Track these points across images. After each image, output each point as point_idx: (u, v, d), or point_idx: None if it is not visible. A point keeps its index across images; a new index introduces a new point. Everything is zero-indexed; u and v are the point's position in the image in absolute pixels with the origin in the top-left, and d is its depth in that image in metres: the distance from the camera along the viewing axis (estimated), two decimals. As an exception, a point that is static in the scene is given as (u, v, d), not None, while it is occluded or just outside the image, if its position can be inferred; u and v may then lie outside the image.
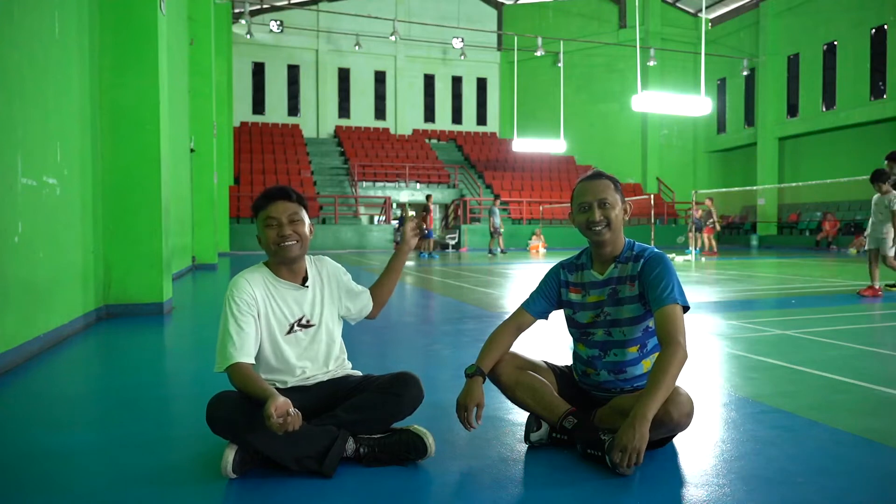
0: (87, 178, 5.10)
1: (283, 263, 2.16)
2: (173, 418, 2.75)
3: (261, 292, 2.12)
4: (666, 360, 1.97)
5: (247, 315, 2.06)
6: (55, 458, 2.18)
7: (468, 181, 24.75)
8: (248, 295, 2.08)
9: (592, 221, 2.21)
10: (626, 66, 25.47)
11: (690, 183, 26.24)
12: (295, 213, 2.12)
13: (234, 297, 2.07)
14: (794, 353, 3.90)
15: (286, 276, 2.18)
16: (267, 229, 2.10)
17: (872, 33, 20.06)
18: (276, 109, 26.97)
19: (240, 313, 2.05)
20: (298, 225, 2.12)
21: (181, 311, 6.09)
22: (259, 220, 2.13)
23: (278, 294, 2.15)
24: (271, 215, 2.10)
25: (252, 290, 2.10)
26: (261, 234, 2.14)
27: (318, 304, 2.22)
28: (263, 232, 2.12)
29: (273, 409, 1.76)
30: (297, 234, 2.11)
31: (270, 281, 2.16)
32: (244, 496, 1.85)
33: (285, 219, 2.10)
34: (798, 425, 2.48)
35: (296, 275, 2.20)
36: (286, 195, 2.13)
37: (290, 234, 2.09)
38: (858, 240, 18.05)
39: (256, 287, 2.11)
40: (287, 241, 2.09)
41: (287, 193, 2.13)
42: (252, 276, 2.14)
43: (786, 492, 1.84)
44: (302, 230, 2.12)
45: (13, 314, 3.63)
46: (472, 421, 2.16)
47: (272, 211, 2.10)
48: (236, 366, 1.99)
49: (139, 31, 5.66)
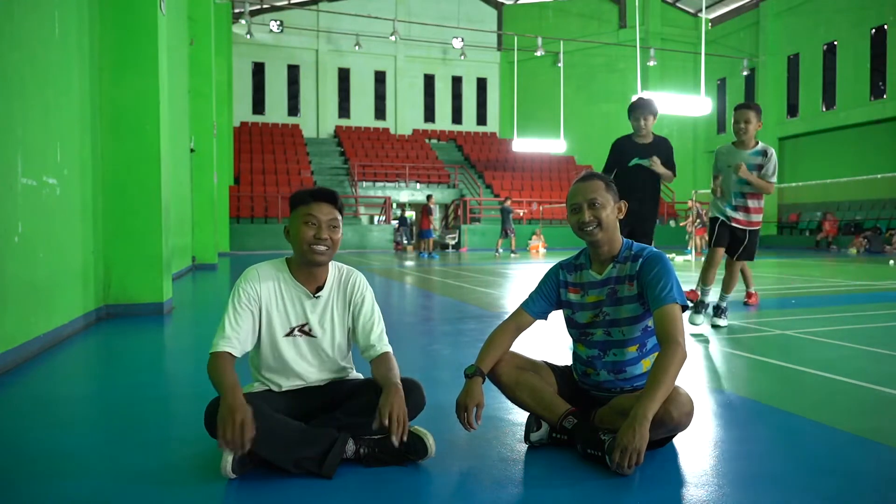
0: (87, 178, 5.10)
1: (306, 265, 2.13)
2: (173, 418, 2.75)
3: (268, 288, 2.11)
4: (665, 360, 1.97)
5: (245, 309, 2.07)
6: (55, 459, 2.18)
7: (468, 181, 24.75)
8: (252, 289, 2.09)
9: (583, 222, 2.22)
10: (626, 66, 25.46)
11: (690, 183, 26.24)
12: (335, 219, 2.10)
13: (240, 288, 2.09)
14: (794, 353, 3.90)
15: (303, 278, 2.15)
16: (304, 226, 2.06)
17: (872, 33, 20.06)
18: (276, 109, 26.97)
19: (239, 305, 2.06)
20: (335, 231, 2.10)
21: (181, 311, 6.09)
22: (297, 214, 2.09)
23: (287, 294, 2.14)
24: (313, 213, 2.06)
25: (259, 284, 2.10)
26: (294, 228, 2.09)
27: (327, 317, 2.18)
28: (299, 228, 2.07)
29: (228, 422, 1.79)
30: (332, 240, 2.09)
31: (284, 278, 2.14)
32: (244, 496, 1.84)
33: (325, 222, 2.07)
34: (798, 425, 2.48)
35: (313, 280, 2.16)
36: (333, 199, 2.10)
37: (325, 238, 2.07)
38: (858, 240, 18.07)
39: (265, 282, 2.11)
40: (321, 244, 2.07)
41: (334, 198, 2.11)
42: (266, 269, 2.14)
43: (786, 492, 1.84)
44: (337, 237, 2.11)
45: (13, 314, 3.63)
46: (472, 421, 2.16)
47: (315, 209, 2.07)
48: (216, 354, 2.00)
49: (139, 31, 5.65)
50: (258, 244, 18.82)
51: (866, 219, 20.06)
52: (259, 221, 19.77)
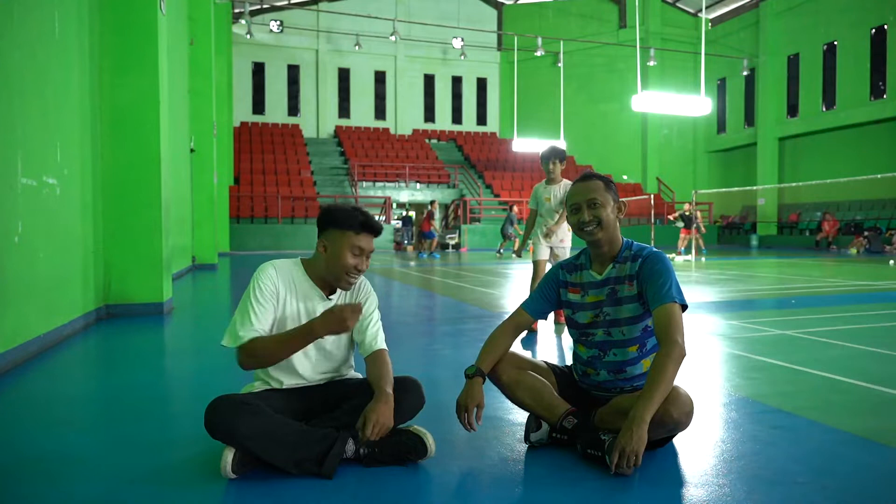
0: (87, 178, 5.10)
1: (333, 283, 2.16)
2: (173, 418, 2.74)
3: (285, 285, 2.14)
4: (663, 361, 1.97)
5: (268, 303, 2.09)
6: (55, 459, 2.18)
7: (468, 181, 24.74)
8: (273, 284, 2.11)
9: (582, 221, 2.22)
10: (626, 66, 25.47)
11: (690, 183, 26.25)
12: (373, 250, 2.15)
13: (259, 283, 2.09)
14: (794, 353, 3.90)
15: (319, 283, 2.18)
16: (349, 254, 2.08)
17: (872, 33, 20.06)
18: (276, 109, 26.97)
19: (263, 298, 2.07)
20: (369, 260, 2.16)
21: (181, 311, 6.09)
22: (343, 237, 2.09)
23: (301, 292, 2.16)
24: (362, 246, 2.10)
25: (277, 281, 2.12)
26: (336, 250, 2.09)
27: None
28: (343, 253, 2.08)
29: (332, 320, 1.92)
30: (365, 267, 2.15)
31: (300, 278, 2.17)
32: (244, 496, 1.84)
33: (367, 253, 2.12)
34: (798, 425, 2.48)
35: (328, 286, 2.20)
36: (379, 233, 2.16)
37: (364, 270, 2.13)
38: (858, 240, 18.07)
39: (283, 278, 2.14)
40: (360, 275, 2.13)
41: (380, 231, 2.17)
42: (282, 266, 2.16)
43: (786, 492, 1.84)
44: (367, 266, 2.16)
45: (13, 314, 3.63)
46: (473, 422, 2.16)
47: (364, 242, 2.10)
48: (252, 340, 2.00)
49: (139, 31, 5.65)
50: (258, 244, 18.81)
51: (866, 219, 20.06)
52: (259, 221, 19.76)
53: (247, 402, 1.93)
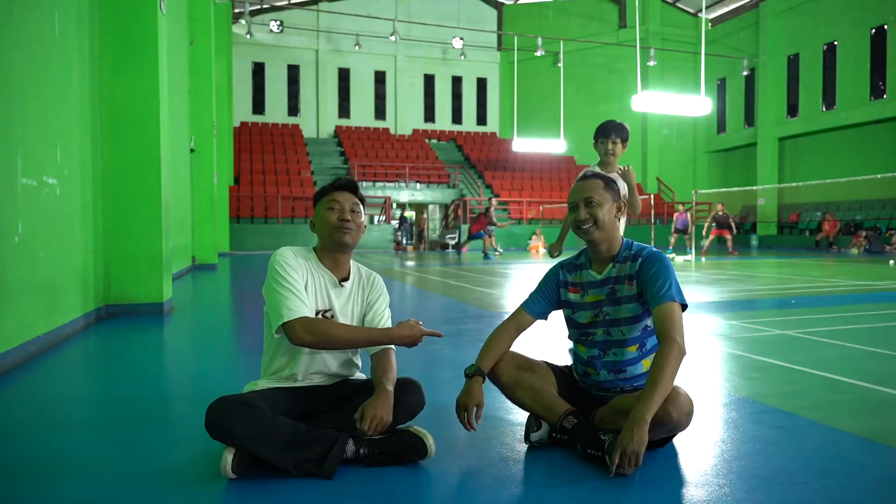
0: (87, 178, 5.10)
1: (332, 250, 2.21)
2: (173, 419, 2.74)
3: (302, 267, 2.16)
4: (662, 360, 1.97)
5: (300, 279, 2.11)
6: (54, 459, 2.18)
7: (468, 181, 24.74)
8: (296, 262, 2.14)
9: (579, 220, 2.22)
10: (625, 66, 25.47)
11: (690, 183, 26.24)
12: (357, 204, 2.23)
13: (283, 263, 2.11)
14: (794, 353, 3.90)
15: (329, 267, 2.22)
16: (328, 211, 2.18)
17: (872, 33, 20.06)
18: (276, 109, 26.96)
19: (294, 274, 2.09)
20: (357, 215, 2.22)
21: (181, 311, 6.09)
22: (321, 204, 2.22)
23: (317, 278, 2.19)
24: (336, 199, 2.20)
25: (298, 260, 2.15)
26: (319, 218, 2.21)
27: (349, 306, 2.25)
28: (324, 214, 2.19)
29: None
30: (355, 222, 2.20)
31: (313, 263, 2.21)
32: (244, 496, 1.84)
33: (348, 206, 2.20)
34: (798, 425, 2.48)
35: (339, 270, 2.24)
36: (354, 188, 2.25)
37: (349, 220, 2.17)
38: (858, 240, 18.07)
39: (300, 260, 2.17)
40: (346, 225, 2.17)
41: (355, 187, 2.26)
42: (298, 250, 2.21)
43: (786, 492, 1.84)
44: (359, 221, 2.23)
45: (13, 314, 3.62)
46: (473, 421, 2.16)
47: (338, 196, 2.21)
48: (301, 318, 2.02)
49: (139, 31, 5.65)
50: (258, 244, 18.81)
51: (866, 219, 20.06)
52: (259, 221, 19.76)
53: (247, 403, 1.93)
